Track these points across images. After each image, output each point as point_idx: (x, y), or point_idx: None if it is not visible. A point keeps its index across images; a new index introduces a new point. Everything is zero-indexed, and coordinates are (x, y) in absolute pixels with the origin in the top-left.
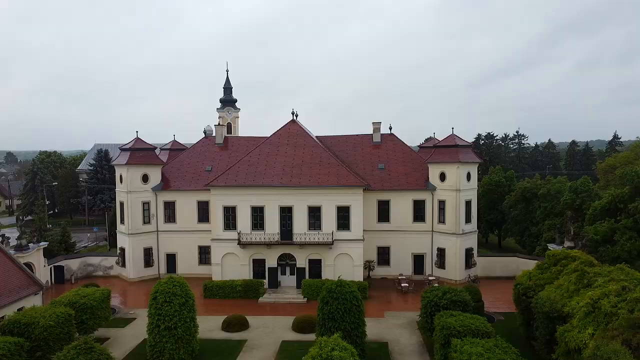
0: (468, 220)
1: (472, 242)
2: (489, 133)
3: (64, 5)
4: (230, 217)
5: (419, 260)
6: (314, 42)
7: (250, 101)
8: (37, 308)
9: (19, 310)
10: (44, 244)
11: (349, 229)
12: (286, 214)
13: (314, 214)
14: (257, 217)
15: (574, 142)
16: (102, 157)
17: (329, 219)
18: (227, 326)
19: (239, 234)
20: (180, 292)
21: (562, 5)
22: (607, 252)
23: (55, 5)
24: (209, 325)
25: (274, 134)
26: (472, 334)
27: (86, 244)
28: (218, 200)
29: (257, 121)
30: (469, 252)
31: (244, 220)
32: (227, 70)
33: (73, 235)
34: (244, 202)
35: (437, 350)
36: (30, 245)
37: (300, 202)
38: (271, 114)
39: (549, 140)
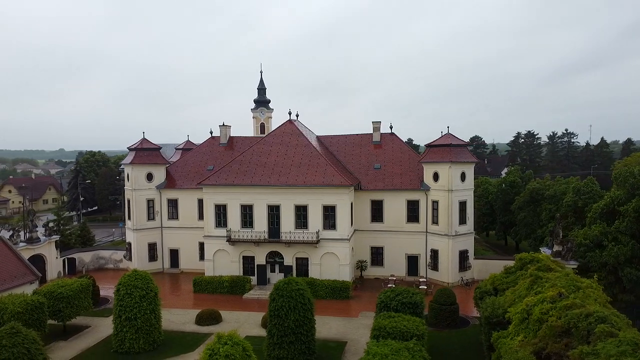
0: (462, 221)
1: (468, 244)
2: (529, 132)
3: (144, 10)
4: (221, 214)
5: (412, 262)
6: (385, 39)
7: (318, 100)
8: (13, 295)
9: None
10: (55, 237)
11: (335, 229)
12: (274, 212)
13: (301, 213)
14: (246, 215)
15: (629, 141)
16: None
17: (315, 218)
18: (200, 320)
19: (228, 231)
20: (141, 285)
21: None
22: (595, 258)
23: (135, 10)
24: (185, 318)
25: (269, 133)
26: (400, 336)
27: (112, 239)
28: (209, 199)
29: (321, 120)
30: (463, 255)
31: (233, 218)
32: (261, 72)
33: (106, 230)
34: (233, 200)
35: None
36: (42, 238)
37: (287, 201)
38: (336, 112)
39: (602, 139)
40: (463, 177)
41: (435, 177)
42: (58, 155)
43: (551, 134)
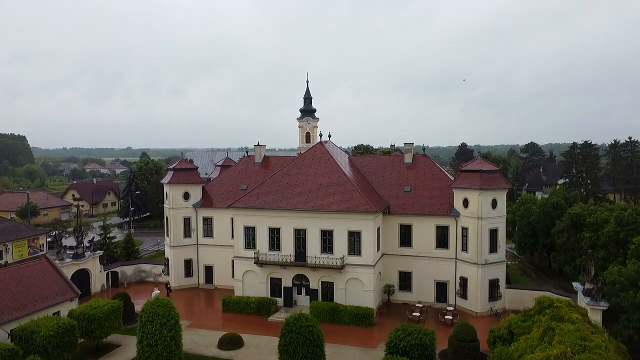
0: (493, 249)
1: (499, 273)
2: (586, 142)
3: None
4: (250, 236)
5: (441, 288)
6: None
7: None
8: (47, 318)
9: (54, 314)
10: (99, 252)
11: (359, 254)
12: (300, 236)
13: (326, 238)
14: (274, 237)
15: None
16: None
17: (340, 243)
18: (221, 344)
19: (256, 253)
20: (162, 313)
21: None
22: (628, 299)
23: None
24: (209, 341)
25: (300, 156)
26: None
27: (158, 248)
28: (239, 220)
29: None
30: (493, 284)
31: (262, 240)
32: (307, 82)
33: (154, 238)
34: (262, 222)
35: None
36: (87, 253)
37: (313, 226)
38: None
39: None
40: (494, 204)
41: (465, 203)
42: (125, 153)
43: (612, 142)
